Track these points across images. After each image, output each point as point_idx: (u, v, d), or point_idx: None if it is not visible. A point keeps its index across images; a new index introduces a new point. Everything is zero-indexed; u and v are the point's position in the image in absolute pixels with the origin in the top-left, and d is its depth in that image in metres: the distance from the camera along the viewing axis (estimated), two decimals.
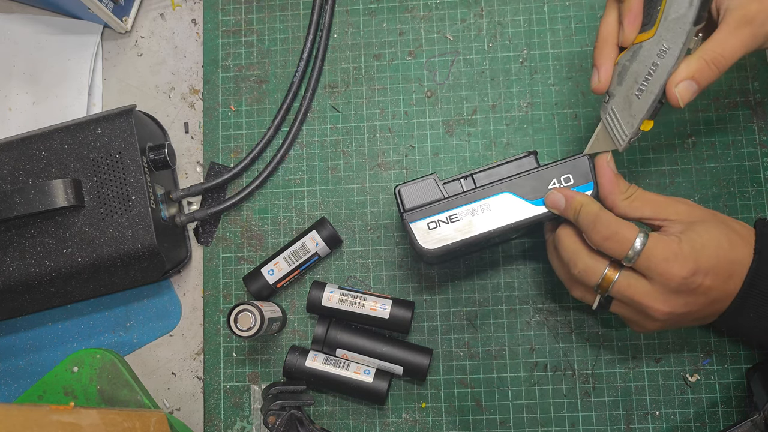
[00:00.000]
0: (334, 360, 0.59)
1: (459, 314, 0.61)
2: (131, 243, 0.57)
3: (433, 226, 0.52)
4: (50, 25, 0.69)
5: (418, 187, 0.52)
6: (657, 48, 0.45)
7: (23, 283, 0.57)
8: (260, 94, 0.66)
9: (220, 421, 0.62)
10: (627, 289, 0.48)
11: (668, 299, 0.47)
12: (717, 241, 0.47)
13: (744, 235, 0.49)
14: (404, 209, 0.52)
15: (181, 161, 0.66)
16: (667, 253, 0.46)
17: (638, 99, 0.47)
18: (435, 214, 0.52)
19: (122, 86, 0.68)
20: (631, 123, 0.48)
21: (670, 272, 0.46)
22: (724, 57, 0.45)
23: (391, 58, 0.65)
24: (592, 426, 0.58)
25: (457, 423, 0.60)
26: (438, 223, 0.52)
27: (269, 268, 0.61)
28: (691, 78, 0.45)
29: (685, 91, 0.46)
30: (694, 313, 0.49)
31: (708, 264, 0.46)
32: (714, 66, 0.45)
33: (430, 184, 0.52)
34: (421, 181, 0.52)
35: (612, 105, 0.49)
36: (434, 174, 0.53)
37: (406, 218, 0.52)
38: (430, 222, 0.52)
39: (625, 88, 0.48)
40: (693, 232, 0.47)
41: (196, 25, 0.69)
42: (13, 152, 0.58)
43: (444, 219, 0.52)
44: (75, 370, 0.57)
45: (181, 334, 0.64)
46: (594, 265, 0.49)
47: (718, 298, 0.48)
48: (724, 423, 0.58)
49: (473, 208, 0.51)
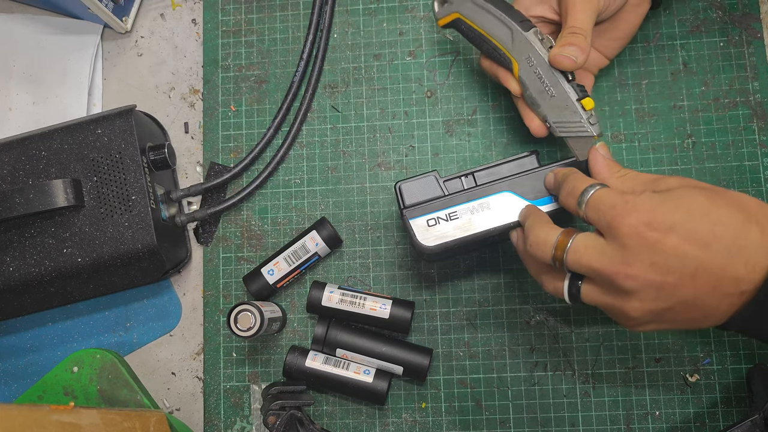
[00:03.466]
0: (334, 360, 0.59)
1: (459, 314, 0.61)
2: (131, 243, 0.57)
3: (432, 223, 0.51)
4: (50, 25, 0.69)
5: (419, 184, 0.52)
6: (527, 64, 0.53)
7: (23, 283, 0.57)
8: (260, 94, 0.66)
9: (220, 421, 0.62)
10: (583, 253, 0.43)
11: (627, 258, 0.41)
12: (691, 199, 0.41)
13: (749, 206, 0.41)
14: (404, 205, 0.52)
15: (181, 161, 0.66)
16: (617, 200, 0.42)
17: (556, 95, 0.52)
18: (435, 212, 0.51)
19: (122, 86, 0.68)
20: (574, 111, 0.52)
21: (617, 219, 0.41)
22: (577, 26, 0.52)
23: (391, 58, 0.65)
24: (592, 426, 0.58)
25: (457, 423, 0.60)
26: (437, 220, 0.51)
27: (269, 268, 0.61)
28: (560, 46, 0.52)
29: (560, 51, 0.51)
30: (676, 289, 0.41)
31: (670, 218, 0.40)
32: (573, 33, 0.52)
33: (430, 181, 0.52)
34: (422, 177, 0.52)
35: (552, 120, 0.53)
36: (435, 171, 0.53)
37: (406, 214, 0.52)
38: (429, 219, 0.52)
39: (545, 102, 0.53)
40: (667, 191, 0.42)
41: (196, 25, 0.69)
42: (13, 152, 0.58)
43: (444, 216, 0.51)
44: (75, 370, 0.57)
45: (181, 334, 0.64)
46: (546, 233, 0.46)
47: (707, 274, 0.40)
48: (723, 423, 0.58)
49: (473, 206, 0.51)
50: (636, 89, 0.62)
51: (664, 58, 0.63)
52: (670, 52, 0.63)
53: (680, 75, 0.62)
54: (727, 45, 0.62)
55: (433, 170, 0.53)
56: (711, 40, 0.63)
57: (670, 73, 0.63)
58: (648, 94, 0.62)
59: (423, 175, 0.52)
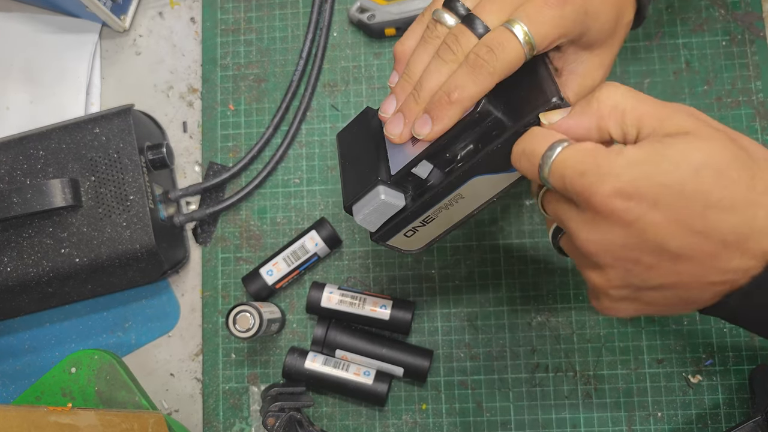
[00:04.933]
0: (333, 361, 0.59)
1: (460, 315, 0.61)
2: (129, 243, 0.56)
3: (410, 234, 0.47)
4: (48, 24, 0.69)
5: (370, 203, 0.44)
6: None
7: (21, 283, 0.57)
8: (259, 93, 0.66)
9: (219, 423, 0.61)
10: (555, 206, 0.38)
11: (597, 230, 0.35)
12: (695, 161, 0.33)
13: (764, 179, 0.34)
14: (372, 235, 0.47)
15: (180, 161, 0.66)
16: (587, 162, 0.34)
17: None
18: (406, 226, 0.46)
19: (120, 85, 0.68)
20: None
21: (587, 190, 0.34)
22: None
23: (391, 56, 0.65)
24: (593, 427, 0.58)
25: (457, 424, 0.59)
26: (414, 230, 0.46)
27: (268, 268, 0.61)
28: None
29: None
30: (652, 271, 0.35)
31: (655, 187, 0.33)
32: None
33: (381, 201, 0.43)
34: (368, 194, 0.44)
35: None
36: (378, 181, 0.44)
37: (378, 241, 0.47)
38: (406, 232, 0.47)
39: None
40: (663, 144, 0.34)
41: (195, 23, 0.68)
42: (11, 152, 0.58)
43: (418, 224, 0.46)
44: (73, 371, 0.57)
45: (179, 335, 0.63)
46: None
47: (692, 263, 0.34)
48: (726, 424, 0.57)
49: (444, 203, 0.44)
50: (638, 88, 0.61)
51: (667, 57, 0.62)
52: (672, 51, 0.62)
53: (682, 74, 0.62)
54: (730, 44, 0.62)
55: (377, 179, 0.44)
56: (713, 39, 0.62)
57: (672, 72, 0.62)
58: (650, 93, 0.62)
59: (368, 191, 0.44)
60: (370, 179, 0.44)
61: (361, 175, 0.45)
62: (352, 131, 0.49)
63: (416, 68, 0.42)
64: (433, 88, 0.41)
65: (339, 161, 0.49)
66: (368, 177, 0.44)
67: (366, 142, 0.47)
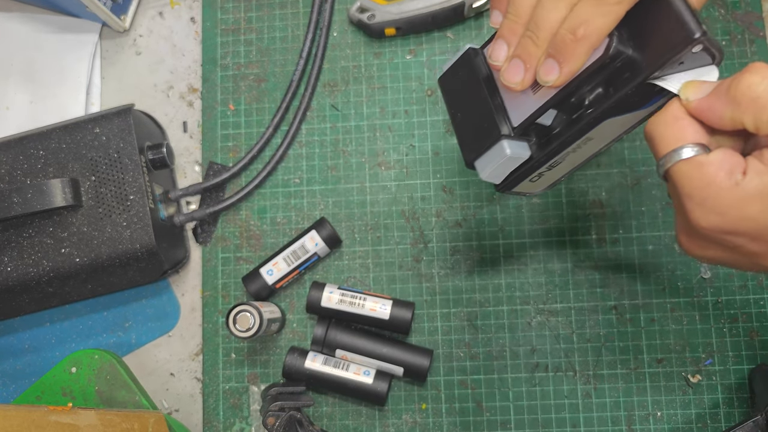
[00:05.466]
0: (333, 361, 0.59)
1: (459, 315, 0.61)
2: (129, 243, 0.56)
3: (536, 179, 0.44)
4: (48, 24, 0.69)
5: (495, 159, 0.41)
6: None
7: (21, 283, 0.57)
8: (259, 93, 0.66)
9: (219, 422, 0.61)
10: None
11: (693, 239, 0.36)
12: None
13: None
14: (498, 186, 0.44)
15: (180, 160, 0.66)
16: (694, 190, 0.34)
17: None
18: (533, 173, 0.43)
19: (120, 85, 0.68)
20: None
21: (690, 215, 0.35)
22: None
23: (391, 56, 0.65)
24: (593, 427, 0.58)
25: (457, 424, 0.59)
26: (540, 174, 0.44)
27: (268, 268, 0.61)
28: None
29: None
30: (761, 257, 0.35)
31: (763, 231, 0.33)
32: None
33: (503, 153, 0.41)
34: (492, 149, 0.41)
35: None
36: (501, 135, 0.40)
37: (504, 190, 0.45)
38: (531, 178, 0.44)
39: None
40: None
41: (195, 23, 0.68)
42: (11, 151, 0.58)
43: (545, 169, 0.43)
44: (73, 371, 0.57)
45: (179, 334, 0.63)
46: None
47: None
48: (725, 424, 0.57)
49: (572, 147, 0.42)
50: None
51: None
52: None
53: None
54: (730, 43, 0.62)
55: (501, 135, 0.40)
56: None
57: None
58: None
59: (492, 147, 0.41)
60: (491, 133, 0.41)
61: (479, 128, 0.42)
62: (457, 75, 0.44)
63: (525, 3, 0.37)
64: (553, 26, 0.36)
65: (448, 111, 0.44)
66: (488, 130, 0.41)
67: (475, 88, 0.42)
